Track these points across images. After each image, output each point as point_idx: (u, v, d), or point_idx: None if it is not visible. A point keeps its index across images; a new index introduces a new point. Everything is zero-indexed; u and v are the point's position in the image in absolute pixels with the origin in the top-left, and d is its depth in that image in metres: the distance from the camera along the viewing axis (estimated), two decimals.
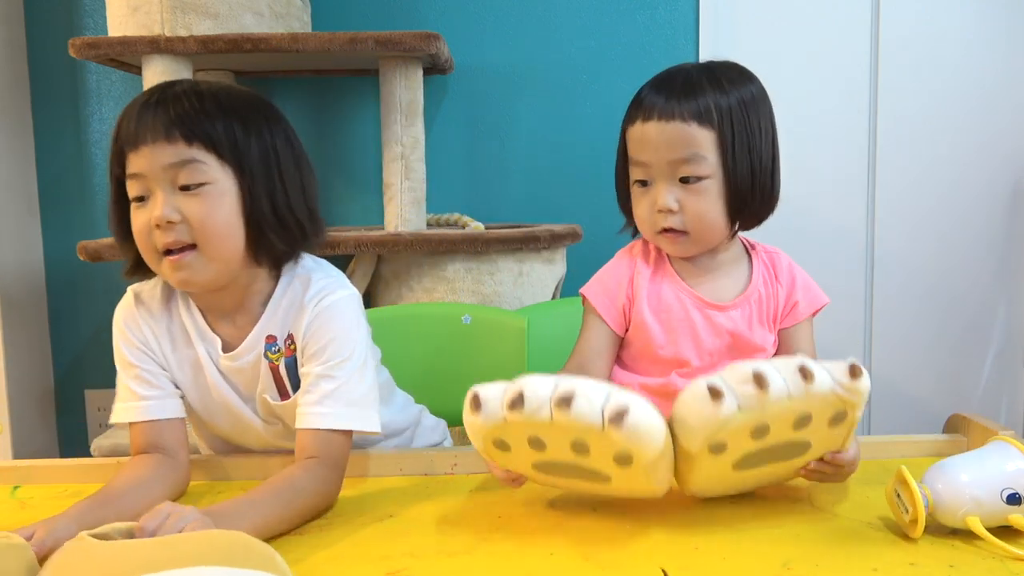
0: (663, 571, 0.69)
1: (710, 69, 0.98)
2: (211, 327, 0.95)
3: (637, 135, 0.97)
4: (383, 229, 1.80)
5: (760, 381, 0.67)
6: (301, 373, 0.94)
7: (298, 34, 1.68)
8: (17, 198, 2.07)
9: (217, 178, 0.86)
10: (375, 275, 1.81)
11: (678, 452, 0.75)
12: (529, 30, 2.09)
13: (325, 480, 0.87)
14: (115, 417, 0.94)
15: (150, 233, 0.86)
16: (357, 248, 1.66)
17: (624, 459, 0.70)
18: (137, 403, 0.93)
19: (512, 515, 0.82)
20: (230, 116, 0.88)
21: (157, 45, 1.66)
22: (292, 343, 0.94)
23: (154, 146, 0.84)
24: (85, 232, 2.09)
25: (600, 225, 2.05)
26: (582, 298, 1.05)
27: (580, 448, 0.71)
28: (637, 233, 1.04)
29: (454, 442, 1.24)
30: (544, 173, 2.11)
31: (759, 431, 0.71)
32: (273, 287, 0.95)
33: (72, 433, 2.18)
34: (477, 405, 0.71)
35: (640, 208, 0.99)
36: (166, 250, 0.86)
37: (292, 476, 0.85)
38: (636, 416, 0.67)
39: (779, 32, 2.09)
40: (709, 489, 0.82)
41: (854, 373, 0.69)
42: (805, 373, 0.67)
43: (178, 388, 0.97)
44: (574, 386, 0.67)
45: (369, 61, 1.81)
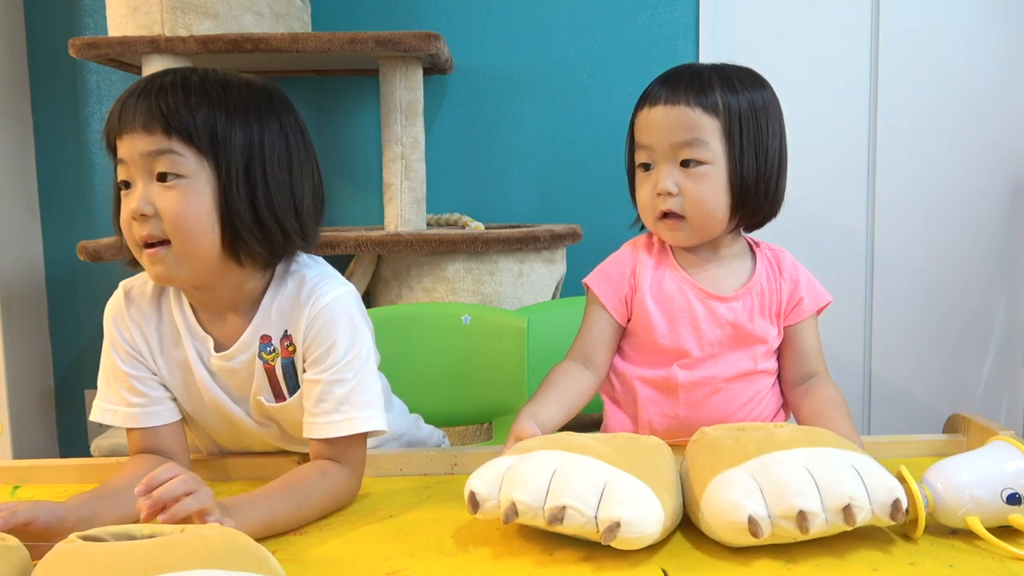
0: (663, 571, 0.69)
1: (723, 69, 1.00)
2: (203, 326, 0.93)
3: (643, 120, 0.99)
4: (383, 229, 1.80)
5: (802, 522, 0.67)
6: (305, 379, 0.91)
7: (298, 34, 1.68)
8: (17, 198, 2.07)
9: (194, 172, 0.83)
10: (375, 275, 1.81)
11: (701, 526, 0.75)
12: (529, 30, 2.09)
13: (343, 483, 0.87)
14: (98, 416, 0.93)
15: (130, 224, 0.85)
16: (357, 248, 1.66)
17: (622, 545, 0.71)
18: (128, 409, 0.92)
19: None
20: (216, 109, 0.85)
21: (157, 45, 1.66)
22: (291, 344, 0.92)
23: (134, 134, 0.83)
24: (85, 232, 2.09)
25: (600, 225, 2.05)
26: (585, 287, 1.06)
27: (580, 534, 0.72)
28: (645, 228, 1.05)
29: (452, 444, 1.24)
30: (544, 173, 2.11)
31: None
32: (265, 286, 0.93)
33: (72, 433, 2.19)
34: (475, 506, 0.73)
35: (642, 192, 1.00)
36: (144, 243, 0.85)
37: (308, 476, 0.85)
38: (628, 527, 0.67)
39: (779, 32, 2.09)
40: None
41: (895, 515, 0.69)
42: (848, 515, 0.68)
43: (169, 391, 0.95)
44: (563, 500, 0.68)
45: (369, 61, 1.81)
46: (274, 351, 0.92)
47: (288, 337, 0.92)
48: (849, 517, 0.68)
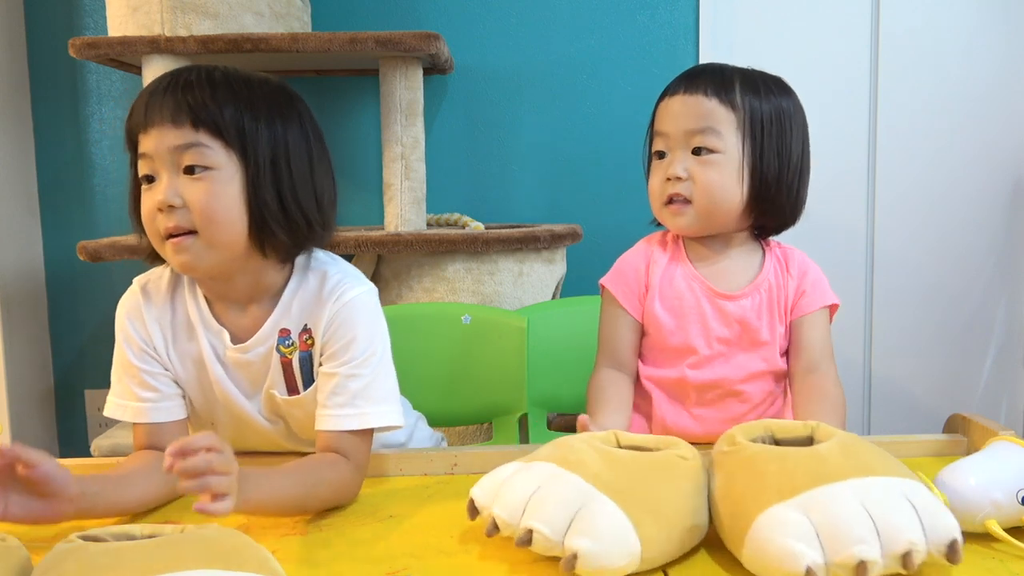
0: (663, 571, 0.69)
1: (748, 72, 1.02)
2: (217, 319, 0.94)
3: (662, 109, 1.01)
4: (383, 229, 1.80)
5: (861, 572, 0.62)
6: (321, 372, 0.92)
7: (298, 34, 1.68)
8: (17, 198, 2.07)
9: (222, 164, 0.85)
10: (375, 275, 1.81)
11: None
12: (529, 30, 2.09)
13: (348, 478, 0.87)
14: (111, 411, 0.94)
15: (154, 217, 0.86)
16: (357, 248, 1.66)
17: None
18: (138, 404, 0.93)
19: None
20: (241, 104, 0.87)
21: (157, 45, 1.66)
22: (309, 337, 0.93)
23: (161, 128, 0.85)
24: (85, 232, 2.09)
25: (600, 225, 2.05)
26: (601, 288, 1.06)
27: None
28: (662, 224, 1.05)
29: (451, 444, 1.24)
30: (544, 173, 2.11)
31: None
32: (285, 280, 0.94)
33: (72, 433, 2.19)
34: (473, 513, 0.73)
35: (654, 179, 1.02)
36: (168, 234, 0.86)
37: (318, 465, 0.86)
38: (586, 560, 0.64)
39: (779, 32, 2.09)
40: None
41: (952, 557, 0.64)
42: (907, 562, 0.62)
43: (180, 387, 0.96)
44: (532, 522, 0.67)
45: (369, 61, 1.81)
46: (292, 344, 0.93)
47: (308, 331, 0.93)
48: (908, 564, 0.62)
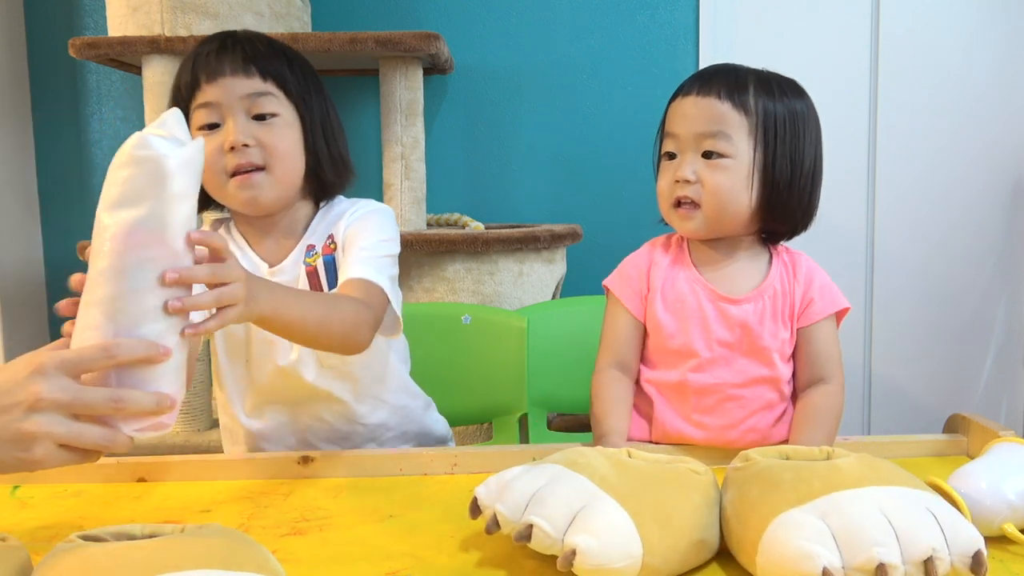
0: None
1: (762, 74, 1.01)
2: (252, 249, 1.04)
3: (674, 110, 1.00)
4: None
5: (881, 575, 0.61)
6: (344, 256, 1.01)
7: (298, 34, 1.68)
8: (17, 198, 2.07)
9: (284, 112, 0.98)
10: None
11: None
12: (529, 30, 2.09)
13: (364, 316, 0.94)
14: None
15: (221, 156, 0.95)
16: None
17: None
18: None
19: None
20: (295, 63, 1.02)
21: (157, 45, 1.66)
22: (332, 242, 1.03)
23: (233, 78, 0.96)
24: (85, 232, 2.08)
25: (600, 225, 2.05)
26: (605, 290, 1.06)
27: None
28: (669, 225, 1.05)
29: (456, 443, 1.24)
30: (544, 173, 2.11)
31: None
32: (312, 216, 1.06)
33: None
34: (476, 512, 0.73)
35: (662, 180, 1.01)
36: (235, 171, 0.95)
37: (336, 295, 0.95)
38: (585, 557, 0.64)
39: (779, 32, 2.09)
40: None
41: (977, 568, 0.62)
42: (929, 569, 0.61)
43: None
44: (532, 518, 0.66)
45: (369, 61, 1.81)
46: (316, 254, 1.03)
47: (331, 237, 1.04)
48: (931, 570, 0.61)
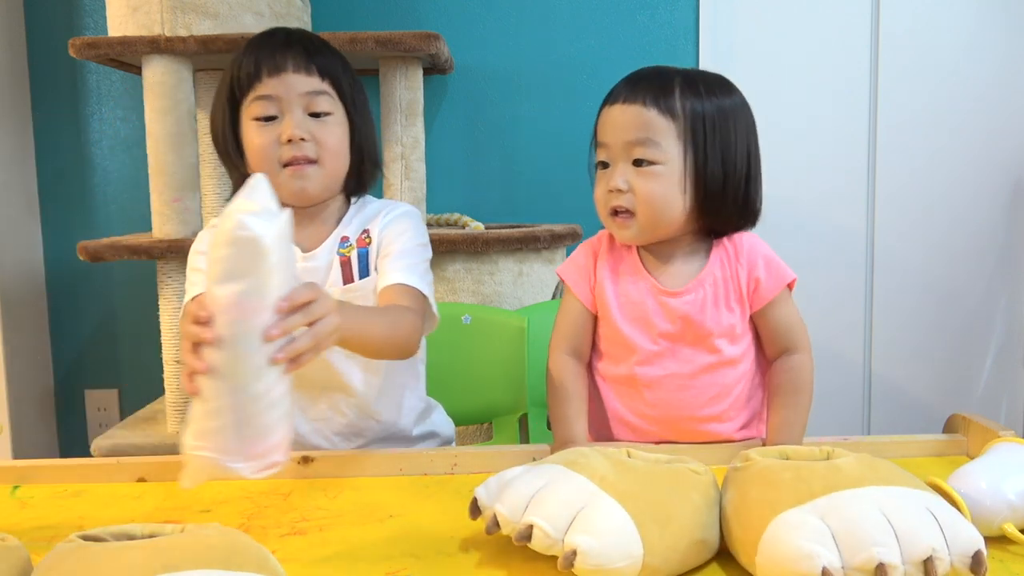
0: None
1: (689, 74, 1.01)
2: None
3: (603, 118, 1.01)
4: None
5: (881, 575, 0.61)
6: (381, 258, 1.05)
7: None
8: (17, 198, 2.07)
9: (336, 111, 1.04)
10: None
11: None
12: (529, 30, 2.09)
13: (416, 321, 1.00)
14: (184, 300, 1.06)
15: (276, 147, 1.00)
16: None
17: None
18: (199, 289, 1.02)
19: None
20: (346, 65, 1.07)
21: (157, 45, 1.66)
22: (368, 236, 1.07)
23: (295, 75, 1.01)
24: (85, 232, 2.09)
25: (600, 225, 2.05)
26: (559, 277, 1.08)
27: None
28: None
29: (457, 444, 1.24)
30: (544, 173, 2.11)
31: None
32: (346, 209, 1.11)
33: (72, 433, 2.19)
34: (476, 512, 0.73)
35: (597, 189, 1.03)
36: (289, 162, 1.00)
37: (394, 308, 0.99)
38: (585, 558, 0.64)
39: (779, 32, 2.09)
40: None
41: (976, 568, 0.62)
42: (929, 569, 0.61)
43: None
44: (532, 518, 0.66)
45: (369, 61, 1.81)
46: (351, 246, 1.07)
47: (366, 231, 1.08)
48: (931, 570, 0.61)
